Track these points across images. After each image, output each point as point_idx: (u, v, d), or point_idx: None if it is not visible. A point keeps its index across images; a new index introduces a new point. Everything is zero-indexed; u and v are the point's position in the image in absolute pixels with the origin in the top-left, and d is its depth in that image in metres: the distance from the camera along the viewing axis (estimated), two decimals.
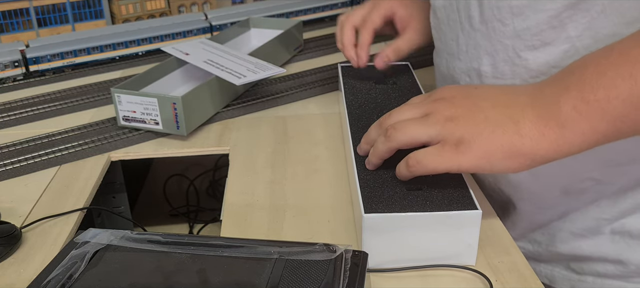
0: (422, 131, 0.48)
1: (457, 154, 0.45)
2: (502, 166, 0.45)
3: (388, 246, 0.48)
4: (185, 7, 1.21)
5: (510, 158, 0.44)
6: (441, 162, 0.46)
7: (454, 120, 0.46)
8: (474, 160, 0.45)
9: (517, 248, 0.52)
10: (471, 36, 0.56)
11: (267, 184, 0.63)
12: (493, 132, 0.44)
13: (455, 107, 0.47)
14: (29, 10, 1.06)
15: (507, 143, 0.44)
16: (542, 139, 0.43)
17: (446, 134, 0.46)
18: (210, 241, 0.48)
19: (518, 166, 0.45)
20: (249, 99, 0.83)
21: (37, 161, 0.68)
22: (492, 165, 0.45)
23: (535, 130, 0.43)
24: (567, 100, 0.43)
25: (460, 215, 0.47)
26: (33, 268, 0.51)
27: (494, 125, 0.45)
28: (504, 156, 0.44)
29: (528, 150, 0.44)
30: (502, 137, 0.44)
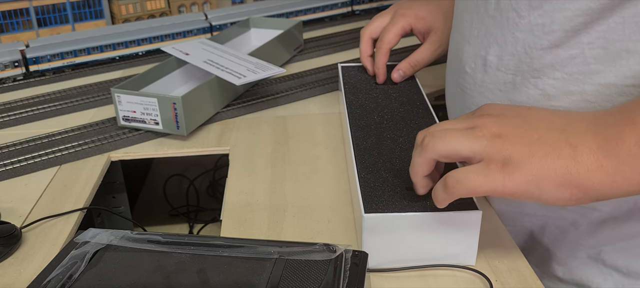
0: (465, 143, 0.42)
1: (504, 175, 0.40)
2: (552, 195, 0.40)
3: (388, 246, 0.48)
4: (185, 7, 1.21)
5: (563, 187, 0.40)
6: (485, 183, 0.41)
7: (502, 137, 0.42)
8: (522, 184, 0.40)
9: (517, 248, 0.52)
10: (484, 22, 0.54)
11: (267, 184, 0.63)
12: (547, 155, 0.40)
13: (505, 124, 0.43)
14: (29, 10, 1.06)
15: (562, 169, 0.39)
16: (599, 171, 0.39)
17: (492, 151, 0.41)
18: (210, 241, 0.48)
19: (569, 197, 0.40)
20: (249, 99, 0.83)
21: (37, 161, 0.68)
22: (541, 191, 0.40)
23: (593, 159, 0.39)
24: (632, 133, 0.38)
25: (461, 216, 0.47)
26: (33, 268, 0.51)
27: (549, 148, 0.40)
28: (556, 183, 0.40)
29: (583, 180, 0.39)
30: (557, 161, 0.40)
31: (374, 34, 0.75)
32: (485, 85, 0.55)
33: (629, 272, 0.54)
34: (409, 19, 0.72)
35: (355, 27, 1.16)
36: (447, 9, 0.72)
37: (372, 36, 0.75)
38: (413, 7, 0.73)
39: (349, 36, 1.10)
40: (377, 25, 0.74)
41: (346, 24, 1.19)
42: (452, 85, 0.62)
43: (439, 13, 0.72)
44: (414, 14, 0.73)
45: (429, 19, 0.72)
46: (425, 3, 0.74)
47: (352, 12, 1.24)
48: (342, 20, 1.22)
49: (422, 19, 0.73)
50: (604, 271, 0.55)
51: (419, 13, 0.73)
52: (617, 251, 0.54)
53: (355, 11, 1.24)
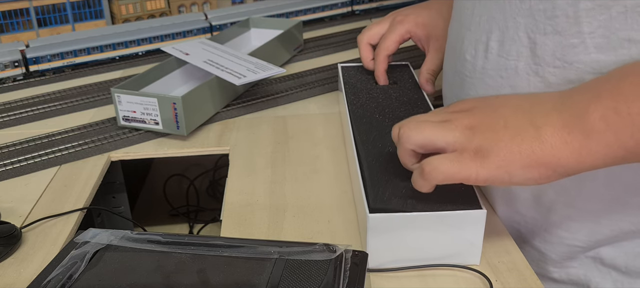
0: (439, 134, 0.45)
1: (476, 162, 0.43)
2: (521, 176, 0.42)
3: (392, 246, 0.48)
4: (185, 7, 1.21)
5: (530, 168, 0.41)
6: (459, 170, 0.43)
7: (473, 128, 0.44)
8: (493, 170, 0.42)
9: (517, 248, 0.52)
10: (487, 7, 0.54)
11: (267, 184, 0.63)
12: (512, 139, 0.42)
13: (475, 116, 0.45)
14: (29, 10, 1.06)
15: (527, 150, 0.41)
16: (564, 147, 0.40)
17: (464, 141, 0.44)
18: (210, 241, 0.48)
19: (539, 177, 0.42)
20: (249, 99, 0.83)
21: (37, 161, 0.68)
22: (511, 175, 0.42)
23: (557, 137, 0.40)
24: (597, 108, 0.40)
25: (465, 215, 0.47)
26: (33, 268, 0.51)
27: (514, 132, 0.42)
28: (523, 165, 0.41)
29: (548, 158, 0.41)
30: (522, 144, 0.41)
31: (372, 40, 0.75)
32: (486, 72, 0.54)
33: (628, 271, 0.53)
34: (408, 25, 0.72)
35: (355, 27, 1.16)
36: (447, 14, 0.70)
37: (370, 42, 0.75)
38: (411, 14, 0.73)
39: (349, 36, 1.10)
40: (375, 32, 0.74)
41: (346, 24, 1.19)
42: (450, 74, 0.62)
43: (439, 18, 0.72)
44: (412, 21, 0.73)
45: (429, 25, 0.72)
46: (425, 9, 0.74)
47: (352, 12, 1.24)
48: (342, 20, 1.22)
49: (422, 25, 0.72)
50: (602, 270, 0.55)
51: (418, 19, 0.72)
52: (616, 249, 0.54)
53: (355, 11, 1.24)
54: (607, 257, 0.54)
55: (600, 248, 0.54)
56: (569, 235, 0.55)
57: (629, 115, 0.38)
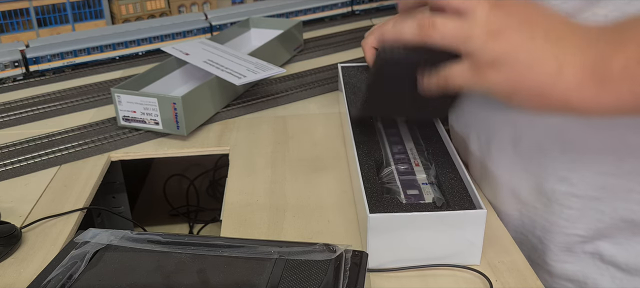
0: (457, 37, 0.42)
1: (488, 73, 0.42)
2: (523, 101, 0.42)
3: (392, 246, 0.48)
4: (185, 7, 1.21)
5: (536, 97, 0.41)
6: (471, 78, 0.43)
7: (498, 37, 0.41)
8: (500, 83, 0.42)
9: (517, 248, 0.52)
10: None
11: (267, 184, 0.63)
12: (532, 65, 0.40)
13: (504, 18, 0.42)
14: (29, 10, 1.06)
15: (541, 82, 0.40)
16: (579, 89, 0.40)
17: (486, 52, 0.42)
18: (210, 241, 0.48)
19: (539, 106, 0.42)
20: (249, 99, 0.83)
21: (37, 161, 0.68)
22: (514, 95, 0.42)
23: (575, 77, 0.40)
24: (621, 57, 0.38)
25: (465, 215, 0.47)
26: (33, 268, 0.51)
27: (537, 57, 0.40)
28: (531, 93, 0.41)
29: (559, 96, 0.40)
30: (539, 74, 0.40)
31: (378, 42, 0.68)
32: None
33: (628, 268, 0.53)
34: None
35: (355, 27, 1.16)
36: None
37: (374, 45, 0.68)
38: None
39: (349, 36, 1.10)
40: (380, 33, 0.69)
41: (346, 24, 1.19)
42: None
43: None
44: None
45: None
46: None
47: (352, 12, 1.24)
48: (342, 20, 1.22)
49: None
50: (601, 267, 0.55)
51: None
52: (616, 246, 0.53)
53: (355, 11, 1.24)
54: (606, 253, 0.54)
55: (600, 242, 0.54)
56: (568, 224, 0.54)
57: None
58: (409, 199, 0.50)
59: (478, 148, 0.61)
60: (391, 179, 0.53)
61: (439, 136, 0.61)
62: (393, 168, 0.55)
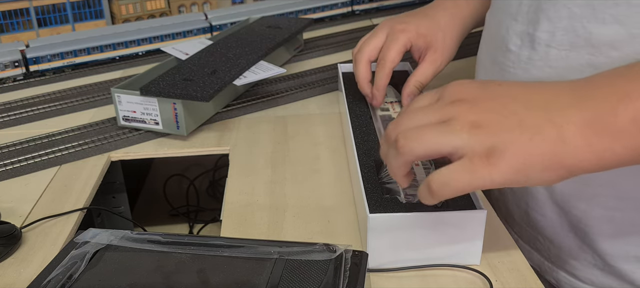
0: (444, 141, 0.39)
1: (489, 168, 0.38)
2: (538, 179, 0.38)
3: (393, 246, 0.48)
4: (185, 7, 1.21)
5: (549, 171, 0.38)
6: (471, 180, 0.38)
7: (482, 127, 0.38)
8: (509, 174, 0.38)
9: (517, 248, 0.52)
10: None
11: (267, 184, 0.63)
12: (531, 140, 0.37)
13: (481, 111, 0.39)
14: (29, 10, 1.06)
15: (549, 152, 0.37)
16: (587, 149, 0.37)
17: (475, 143, 0.38)
18: (210, 241, 0.48)
19: (556, 178, 0.38)
20: (249, 99, 0.83)
21: (37, 161, 0.68)
22: (528, 178, 0.38)
23: (580, 138, 0.37)
24: (627, 110, 0.36)
25: (465, 215, 0.47)
26: (33, 268, 0.51)
27: (533, 131, 0.38)
28: (543, 167, 0.38)
29: (571, 160, 0.37)
30: (542, 144, 0.37)
31: (373, 55, 0.67)
32: (532, 63, 0.54)
33: None
34: (410, 35, 0.66)
35: (355, 27, 1.16)
36: (444, 24, 0.68)
37: (370, 59, 0.67)
38: (411, 23, 0.67)
39: (349, 36, 1.10)
40: (374, 46, 0.67)
41: (346, 24, 1.19)
42: (488, 64, 0.61)
43: (437, 29, 0.68)
44: (414, 30, 0.66)
45: (429, 36, 0.67)
46: (423, 18, 0.68)
47: (352, 12, 1.24)
48: (342, 20, 1.22)
49: (423, 36, 0.66)
50: None
51: (419, 29, 0.66)
52: None
53: (355, 11, 1.24)
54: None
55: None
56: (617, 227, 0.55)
57: None
58: (408, 199, 0.50)
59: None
60: (391, 179, 0.53)
61: None
62: None
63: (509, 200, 0.65)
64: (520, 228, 0.65)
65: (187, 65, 0.78)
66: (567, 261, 0.60)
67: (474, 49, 0.77)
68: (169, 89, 0.69)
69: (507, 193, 0.64)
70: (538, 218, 0.61)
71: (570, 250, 0.59)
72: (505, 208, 0.67)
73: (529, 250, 0.65)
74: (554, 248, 0.61)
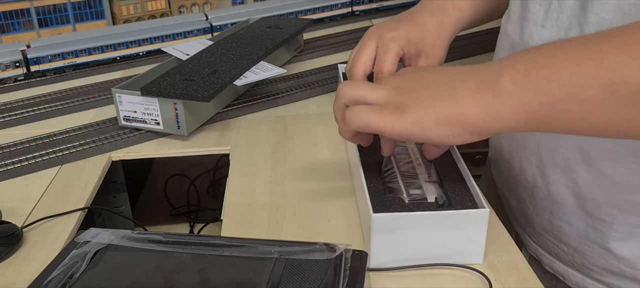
0: (368, 92, 0.49)
1: (393, 116, 0.46)
2: (433, 132, 0.45)
3: (396, 245, 0.48)
4: (185, 7, 1.21)
5: (442, 125, 0.45)
6: (377, 119, 0.47)
7: (399, 88, 0.48)
8: (408, 125, 0.46)
9: (516, 248, 0.52)
10: (568, 5, 0.53)
11: (267, 184, 0.63)
12: (429, 98, 0.45)
13: (404, 79, 0.49)
14: (30, 11, 1.07)
15: (440, 107, 0.45)
16: (473, 106, 0.43)
17: (389, 97, 0.48)
18: (210, 241, 0.49)
19: (450, 133, 0.45)
20: (249, 99, 0.83)
21: (38, 161, 0.68)
22: (424, 130, 0.45)
23: (469, 96, 0.44)
24: (509, 71, 0.43)
25: (468, 214, 0.47)
26: (34, 268, 0.51)
27: (432, 92, 0.46)
28: (436, 121, 0.45)
29: (458, 116, 0.44)
30: (437, 101, 0.45)
31: (368, 69, 0.64)
32: None
33: None
34: (401, 42, 0.63)
35: (355, 28, 1.16)
36: (434, 30, 0.65)
37: (366, 73, 0.64)
38: (401, 29, 0.63)
39: (349, 36, 1.10)
40: (368, 58, 0.63)
41: (346, 24, 1.19)
42: None
43: (427, 35, 0.65)
44: (404, 38, 0.63)
45: (420, 42, 0.64)
46: (411, 24, 0.65)
47: (352, 13, 1.24)
48: (342, 20, 1.22)
49: (414, 42, 0.63)
50: None
51: (410, 36, 0.63)
52: None
53: (355, 11, 1.24)
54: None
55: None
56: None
57: (536, 78, 0.41)
58: (411, 198, 0.50)
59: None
60: (393, 179, 0.53)
61: None
62: (395, 168, 0.55)
63: (528, 208, 0.64)
64: (540, 237, 0.64)
65: (187, 66, 0.78)
66: (593, 269, 0.60)
67: (464, 51, 0.77)
68: (170, 89, 0.69)
69: (527, 202, 0.64)
70: (563, 226, 0.60)
71: (597, 258, 0.59)
72: (523, 217, 0.66)
73: (550, 258, 0.64)
74: (578, 256, 0.60)
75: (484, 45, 1.01)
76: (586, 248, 0.59)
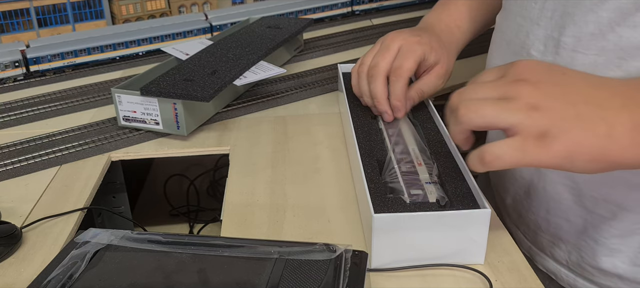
0: (502, 116, 0.42)
1: (539, 149, 0.41)
2: (583, 168, 0.41)
3: (397, 246, 0.48)
4: (185, 7, 1.21)
5: (595, 162, 0.41)
6: (522, 158, 0.41)
7: (539, 110, 0.41)
8: (557, 159, 0.41)
9: (517, 248, 0.52)
10: (561, 2, 0.53)
11: (267, 184, 0.63)
12: (584, 131, 0.40)
13: (542, 95, 0.42)
14: (30, 11, 1.07)
15: (597, 145, 0.40)
16: (631, 148, 0.40)
17: (530, 124, 0.41)
18: (210, 241, 0.49)
19: (598, 169, 0.42)
20: (249, 99, 0.83)
21: (38, 161, 0.68)
22: (573, 165, 0.41)
23: (627, 137, 0.40)
24: None
25: (469, 215, 0.47)
26: (33, 268, 0.51)
27: (586, 124, 0.41)
28: (590, 158, 0.41)
29: (616, 157, 0.41)
30: (593, 138, 0.40)
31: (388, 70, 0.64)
32: None
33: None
34: (425, 47, 0.64)
35: (355, 28, 1.16)
36: (447, 42, 0.69)
37: (388, 74, 0.64)
38: (424, 36, 0.66)
39: (349, 36, 1.10)
40: (391, 59, 0.64)
41: (346, 24, 1.19)
42: None
43: (444, 47, 0.68)
44: (428, 44, 0.65)
45: (439, 51, 0.66)
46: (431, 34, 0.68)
47: (352, 13, 1.24)
48: (342, 20, 1.22)
49: (435, 50, 0.65)
50: None
51: (432, 43, 0.65)
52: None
53: (355, 11, 1.24)
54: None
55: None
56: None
57: None
58: (413, 199, 0.50)
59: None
60: (394, 179, 0.53)
61: (440, 135, 0.61)
62: (396, 168, 0.55)
63: (524, 206, 0.64)
64: (534, 235, 0.64)
65: (187, 66, 0.78)
66: (585, 268, 0.60)
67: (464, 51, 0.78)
68: (170, 89, 0.69)
69: (523, 200, 0.64)
70: (561, 222, 0.60)
71: (592, 256, 0.59)
72: (517, 215, 0.66)
73: (544, 257, 0.64)
74: (574, 254, 0.60)
75: (482, 46, 1.01)
76: (583, 243, 0.59)
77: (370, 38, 1.08)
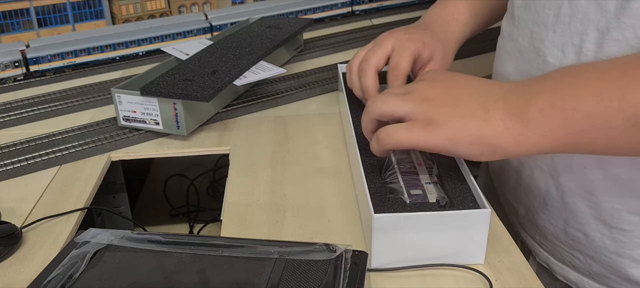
0: (400, 105, 0.49)
1: (426, 132, 0.47)
2: (465, 150, 0.47)
3: (397, 246, 0.48)
4: (185, 7, 1.21)
5: (474, 144, 0.46)
6: (409, 137, 0.48)
7: (429, 101, 0.48)
8: (441, 141, 0.47)
9: (517, 248, 0.52)
10: (580, 8, 0.52)
11: (267, 184, 0.63)
12: (463, 117, 0.46)
13: (434, 89, 0.50)
14: (30, 11, 1.07)
15: (474, 129, 0.46)
16: (505, 132, 0.45)
17: (419, 111, 0.48)
18: (210, 241, 0.49)
19: (480, 153, 0.47)
20: (249, 99, 0.83)
21: (38, 161, 0.68)
22: (456, 147, 0.47)
23: (501, 122, 0.45)
24: (536, 102, 0.44)
25: (469, 215, 0.47)
26: (33, 268, 0.51)
27: (466, 111, 0.47)
28: (469, 141, 0.46)
29: (491, 139, 0.46)
30: (471, 122, 0.46)
31: (381, 65, 0.65)
32: None
33: None
34: (418, 44, 0.65)
35: (355, 27, 1.16)
36: (443, 37, 0.68)
37: (379, 68, 0.65)
38: (417, 33, 0.66)
39: (349, 36, 1.10)
40: (382, 55, 0.65)
41: (346, 24, 1.19)
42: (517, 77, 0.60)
43: (438, 42, 0.67)
44: (421, 40, 0.65)
45: (433, 47, 0.66)
46: (425, 30, 0.68)
47: (352, 12, 1.24)
48: (342, 20, 1.22)
49: (428, 46, 0.66)
50: None
51: (425, 39, 0.66)
52: None
53: (355, 11, 1.24)
54: None
55: None
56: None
57: (562, 111, 0.43)
58: (412, 199, 0.50)
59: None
60: (394, 179, 0.53)
61: None
62: (396, 168, 0.55)
63: (540, 217, 0.63)
64: (552, 246, 0.64)
65: (187, 66, 0.78)
66: (611, 278, 0.59)
67: (463, 51, 0.78)
68: (169, 89, 0.69)
69: (539, 211, 0.63)
70: (579, 236, 0.60)
71: (616, 267, 0.58)
72: (532, 226, 0.66)
73: (564, 267, 0.64)
74: (596, 265, 0.60)
75: (482, 46, 1.01)
76: (604, 257, 0.59)
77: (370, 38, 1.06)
